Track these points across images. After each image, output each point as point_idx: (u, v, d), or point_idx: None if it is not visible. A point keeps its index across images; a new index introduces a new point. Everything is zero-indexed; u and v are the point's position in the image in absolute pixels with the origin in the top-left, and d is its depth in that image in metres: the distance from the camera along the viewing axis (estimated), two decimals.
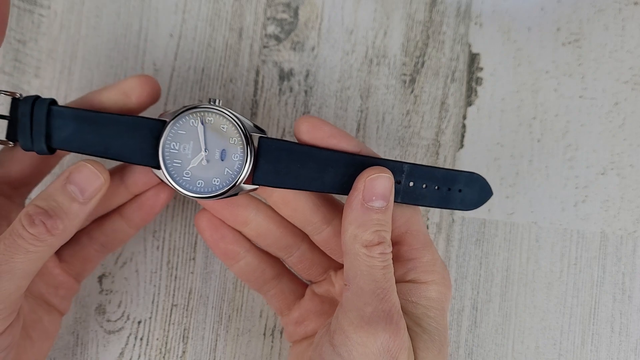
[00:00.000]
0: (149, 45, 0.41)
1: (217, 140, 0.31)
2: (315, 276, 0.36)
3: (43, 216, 0.29)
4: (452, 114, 0.41)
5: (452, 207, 0.33)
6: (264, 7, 0.41)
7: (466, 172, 0.33)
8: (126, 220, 0.36)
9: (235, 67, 0.41)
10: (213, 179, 0.31)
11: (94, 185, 0.30)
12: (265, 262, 0.36)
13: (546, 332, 0.40)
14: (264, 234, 0.34)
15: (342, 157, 0.31)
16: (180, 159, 0.31)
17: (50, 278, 0.35)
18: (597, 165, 0.40)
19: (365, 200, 0.30)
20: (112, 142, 0.31)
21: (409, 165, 0.32)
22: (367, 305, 0.29)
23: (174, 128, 0.31)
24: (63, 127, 0.31)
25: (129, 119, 0.31)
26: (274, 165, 0.31)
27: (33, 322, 0.34)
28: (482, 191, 0.34)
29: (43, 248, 0.29)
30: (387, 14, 0.41)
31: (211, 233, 0.34)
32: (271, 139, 0.31)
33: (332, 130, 0.31)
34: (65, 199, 0.30)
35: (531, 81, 0.41)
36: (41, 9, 0.41)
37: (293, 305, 0.36)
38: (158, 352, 0.40)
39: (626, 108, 0.40)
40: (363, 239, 0.29)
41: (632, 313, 0.40)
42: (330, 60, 0.41)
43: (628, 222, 0.40)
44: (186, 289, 0.40)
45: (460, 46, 0.41)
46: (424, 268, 0.31)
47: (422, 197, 0.32)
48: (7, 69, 0.41)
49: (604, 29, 0.41)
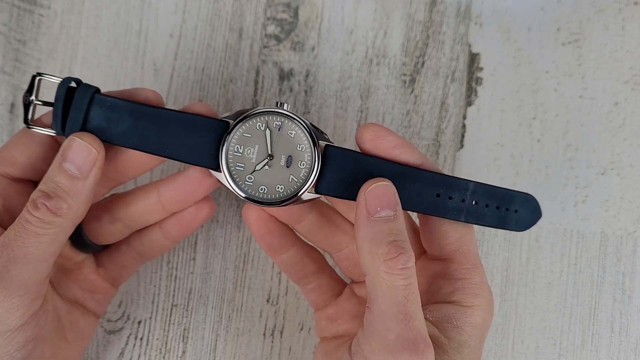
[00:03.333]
0: (149, 45, 0.41)
1: (284, 146, 0.30)
2: (357, 276, 0.35)
3: (44, 199, 0.28)
4: (452, 114, 0.41)
5: (507, 227, 0.32)
6: (264, 7, 0.41)
7: (522, 193, 0.32)
8: (164, 233, 0.35)
9: (235, 67, 0.41)
10: (277, 185, 0.30)
11: (89, 159, 0.29)
12: (308, 257, 0.35)
13: (546, 332, 0.40)
14: (316, 230, 0.33)
15: (408, 171, 0.30)
16: (243, 162, 0.30)
17: (86, 283, 0.35)
18: (597, 165, 0.40)
19: (371, 212, 0.28)
20: (171, 141, 0.30)
21: (474, 183, 0.31)
22: (389, 332, 0.27)
23: (239, 130, 0.30)
24: (120, 122, 0.30)
25: (189, 117, 0.30)
26: (339, 174, 0.30)
27: (69, 324, 0.34)
28: (534, 212, 0.33)
29: (53, 229, 0.29)
30: (387, 14, 0.41)
31: (258, 227, 0.33)
32: (338, 148, 0.30)
33: (397, 141, 0.30)
34: (63, 177, 0.29)
35: (531, 81, 0.41)
36: (41, 9, 0.41)
37: (329, 302, 0.35)
38: (158, 352, 0.40)
39: (626, 108, 0.40)
40: (380, 253, 0.27)
41: (632, 313, 0.40)
42: (330, 60, 0.41)
43: (628, 222, 0.40)
44: (186, 289, 0.40)
45: (460, 46, 0.41)
46: (472, 290, 0.30)
47: (483, 217, 0.31)
48: (7, 69, 0.41)
49: (604, 29, 0.41)
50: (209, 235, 0.40)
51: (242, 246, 0.40)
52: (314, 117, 0.41)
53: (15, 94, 0.41)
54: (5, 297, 0.27)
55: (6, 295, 0.27)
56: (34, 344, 0.30)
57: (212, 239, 0.40)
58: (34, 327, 0.29)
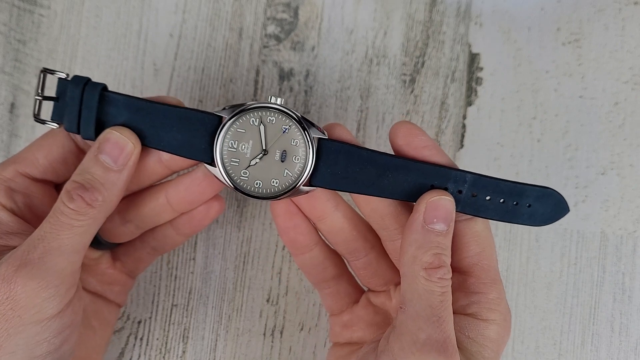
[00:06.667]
0: (149, 45, 0.41)
1: (278, 141, 0.30)
2: (374, 286, 0.35)
3: (80, 190, 0.29)
4: (452, 114, 0.41)
5: (518, 222, 0.32)
6: (264, 7, 0.41)
7: (538, 186, 0.31)
8: (175, 229, 0.36)
9: (235, 67, 0.41)
10: (272, 180, 0.30)
11: (125, 151, 0.30)
12: (329, 260, 0.35)
13: (546, 332, 0.40)
14: (337, 232, 0.33)
15: (400, 163, 0.30)
16: (238, 157, 0.30)
17: (104, 277, 0.36)
18: (597, 165, 0.40)
19: (427, 222, 0.29)
20: (165, 134, 0.30)
21: (472, 175, 0.30)
22: (420, 331, 0.28)
23: (233, 126, 0.30)
24: (117, 116, 0.30)
25: (181, 111, 0.31)
26: (332, 167, 0.30)
27: (94, 313, 0.35)
28: (556, 207, 0.32)
29: (87, 221, 0.29)
30: (387, 14, 0.41)
31: (284, 220, 0.33)
32: (331, 141, 0.31)
33: (429, 142, 0.30)
34: (99, 169, 0.30)
35: (531, 81, 0.41)
36: (41, 9, 0.41)
37: (345, 308, 0.36)
38: (158, 352, 0.40)
39: (626, 108, 0.40)
40: (423, 261, 0.28)
41: (632, 313, 0.40)
42: (330, 60, 0.41)
43: (628, 222, 0.40)
44: (186, 289, 0.40)
45: (460, 46, 0.41)
46: (488, 305, 0.30)
47: (484, 209, 0.31)
48: (7, 69, 0.41)
49: (604, 29, 0.41)
50: (209, 235, 0.40)
51: (242, 246, 0.40)
52: (314, 117, 0.41)
53: (15, 94, 0.41)
54: (43, 287, 0.28)
55: (44, 285, 0.28)
56: (70, 330, 0.30)
57: (212, 239, 0.40)
58: (70, 315, 0.30)
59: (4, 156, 0.41)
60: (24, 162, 0.32)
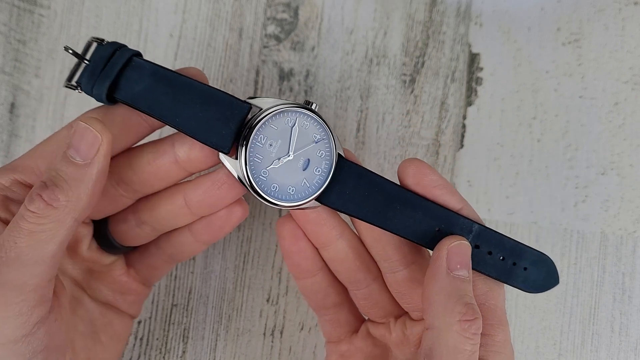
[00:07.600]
0: (149, 45, 0.41)
1: (306, 148, 0.29)
2: (374, 317, 0.34)
3: (39, 189, 0.26)
4: (452, 114, 0.41)
5: (513, 284, 0.30)
6: (264, 7, 0.41)
7: (536, 250, 0.31)
8: (194, 236, 0.33)
9: (235, 67, 0.41)
10: (289, 187, 0.29)
11: (92, 144, 0.27)
12: (332, 287, 0.34)
13: (546, 332, 0.40)
14: (340, 260, 0.32)
15: (410, 198, 0.29)
16: (262, 154, 0.29)
17: (117, 285, 0.34)
18: (597, 165, 0.40)
19: (451, 268, 0.28)
20: (184, 110, 0.28)
21: (479, 226, 0.30)
22: None
23: (268, 120, 0.29)
24: (138, 81, 0.28)
25: (209, 90, 0.28)
26: (341, 186, 0.29)
27: (104, 326, 0.33)
28: (548, 276, 0.31)
29: (50, 225, 0.26)
30: (387, 14, 0.41)
31: (290, 243, 0.32)
32: (344, 160, 0.30)
33: (439, 181, 0.29)
34: (64, 164, 0.27)
35: (531, 81, 0.41)
36: (41, 9, 0.41)
37: (344, 337, 0.35)
38: (158, 352, 0.40)
39: (626, 108, 0.40)
40: (456, 311, 0.27)
41: (632, 313, 0.40)
42: (330, 60, 0.41)
43: (628, 222, 0.40)
44: (186, 288, 0.40)
45: (460, 46, 0.41)
46: (495, 348, 0.29)
47: (483, 263, 0.30)
48: (7, 69, 0.41)
49: (604, 29, 0.41)
50: None
51: (242, 246, 0.40)
52: None
53: (15, 94, 0.41)
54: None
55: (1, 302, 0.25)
56: (43, 356, 0.27)
57: None
58: (41, 338, 0.27)
59: (4, 156, 0.41)
60: (23, 170, 0.29)
